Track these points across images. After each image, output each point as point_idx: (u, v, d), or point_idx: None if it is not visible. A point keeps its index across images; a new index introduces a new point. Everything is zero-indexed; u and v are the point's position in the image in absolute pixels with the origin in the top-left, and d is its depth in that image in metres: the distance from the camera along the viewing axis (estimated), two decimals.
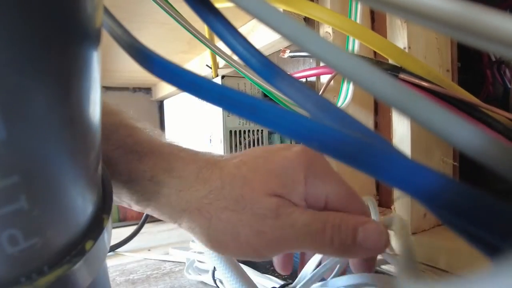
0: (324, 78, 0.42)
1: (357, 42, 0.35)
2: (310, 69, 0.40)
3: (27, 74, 0.10)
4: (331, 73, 0.38)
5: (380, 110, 0.43)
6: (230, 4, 0.14)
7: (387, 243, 0.20)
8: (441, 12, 0.10)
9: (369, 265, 0.24)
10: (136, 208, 0.23)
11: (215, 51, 0.41)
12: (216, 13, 0.17)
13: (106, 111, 0.21)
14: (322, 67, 0.39)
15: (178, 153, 0.23)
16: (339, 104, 0.36)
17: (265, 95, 0.41)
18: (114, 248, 0.57)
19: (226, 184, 0.21)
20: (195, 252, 0.38)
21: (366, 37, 0.30)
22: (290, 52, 0.41)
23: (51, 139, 0.11)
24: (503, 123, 0.26)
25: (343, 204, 0.22)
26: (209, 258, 0.26)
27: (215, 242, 0.22)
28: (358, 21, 0.33)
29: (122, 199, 0.23)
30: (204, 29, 0.46)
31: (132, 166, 0.21)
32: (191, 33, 0.40)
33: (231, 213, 0.21)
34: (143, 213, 0.83)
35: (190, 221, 0.22)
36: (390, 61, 0.31)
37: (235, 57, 0.19)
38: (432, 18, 0.11)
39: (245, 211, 0.21)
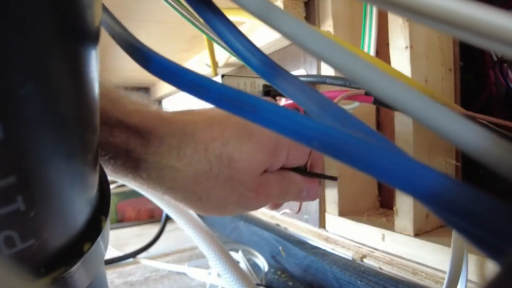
0: None
1: None
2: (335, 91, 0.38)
3: (23, 74, 0.09)
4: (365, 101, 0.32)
5: (382, 110, 0.43)
6: (239, 13, 0.14)
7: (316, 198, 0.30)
8: (444, 11, 0.10)
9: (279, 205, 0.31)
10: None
11: (223, 46, 0.40)
12: (216, 11, 0.17)
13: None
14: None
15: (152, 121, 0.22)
16: (348, 107, 0.35)
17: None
18: (135, 253, 0.56)
19: (214, 167, 0.23)
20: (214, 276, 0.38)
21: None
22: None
23: (49, 139, 0.11)
24: (502, 131, 0.26)
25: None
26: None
27: (203, 211, 0.25)
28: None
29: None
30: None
31: (108, 139, 0.21)
32: (197, 27, 0.39)
33: (219, 193, 0.24)
34: (147, 214, 0.83)
35: (176, 198, 0.24)
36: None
37: None
38: (434, 17, 0.10)
39: (233, 191, 0.24)
